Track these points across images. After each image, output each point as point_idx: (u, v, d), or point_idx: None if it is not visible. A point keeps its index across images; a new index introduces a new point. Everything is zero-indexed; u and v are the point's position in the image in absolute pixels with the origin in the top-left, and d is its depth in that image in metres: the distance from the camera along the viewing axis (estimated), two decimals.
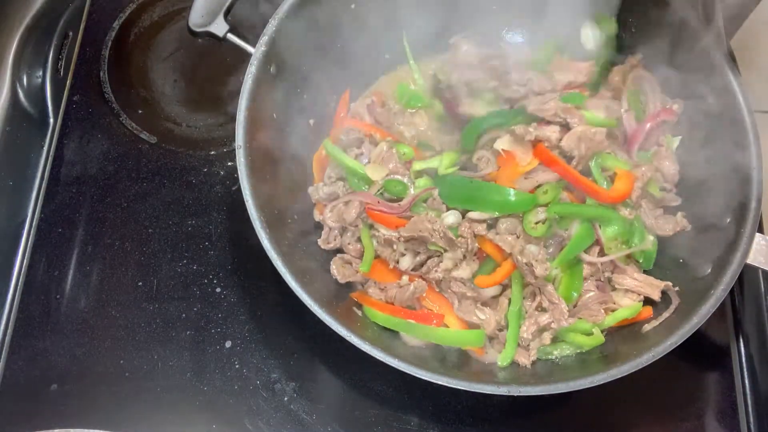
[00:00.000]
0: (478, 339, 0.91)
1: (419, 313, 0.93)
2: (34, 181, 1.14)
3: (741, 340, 1.02)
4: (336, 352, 0.99)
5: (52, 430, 0.92)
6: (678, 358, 0.95)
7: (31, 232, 1.09)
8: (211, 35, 0.97)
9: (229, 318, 1.03)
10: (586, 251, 0.93)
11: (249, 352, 1.01)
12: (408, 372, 0.80)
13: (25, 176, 1.14)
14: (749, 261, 0.85)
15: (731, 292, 1.02)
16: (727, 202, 0.91)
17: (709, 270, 0.88)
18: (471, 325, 0.93)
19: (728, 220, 0.90)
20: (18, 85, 1.19)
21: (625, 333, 0.93)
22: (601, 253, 0.94)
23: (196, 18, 0.97)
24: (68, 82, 1.20)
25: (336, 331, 0.82)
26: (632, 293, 0.95)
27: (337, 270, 0.97)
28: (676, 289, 0.92)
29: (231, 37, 0.97)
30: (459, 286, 0.94)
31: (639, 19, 1.03)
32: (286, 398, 0.98)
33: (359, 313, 0.94)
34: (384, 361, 0.80)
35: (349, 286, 0.98)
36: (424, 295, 0.95)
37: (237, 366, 1.00)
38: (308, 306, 0.82)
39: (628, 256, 0.96)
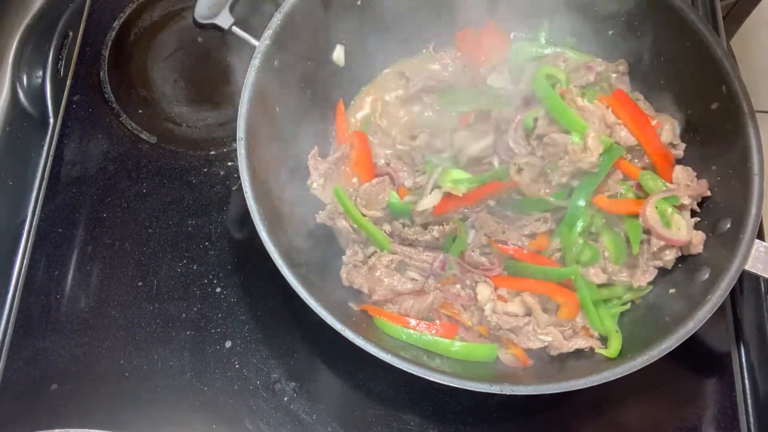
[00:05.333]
0: (491, 353, 0.91)
1: (433, 326, 0.93)
2: (34, 181, 1.14)
3: (741, 345, 1.02)
4: (336, 352, 0.99)
5: (52, 430, 0.92)
6: (678, 360, 0.96)
7: (31, 232, 1.09)
8: (216, 27, 0.98)
9: (229, 318, 1.03)
10: None
11: (249, 352, 1.01)
12: (401, 367, 0.80)
13: (25, 176, 1.14)
14: (747, 267, 0.85)
15: (732, 296, 1.03)
16: (727, 206, 0.91)
17: (707, 275, 0.88)
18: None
19: (728, 225, 0.90)
20: (18, 85, 1.19)
21: (622, 334, 0.93)
22: None
23: (201, 10, 0.98)
24: (68, 82, 1.20)
25: (331, 324, 0.82)
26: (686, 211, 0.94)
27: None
28: (672, 291, 0.93)
29: (236, 29, 0.98)
30: (508, 321, 0.92)
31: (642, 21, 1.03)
32: (286, 398, 0.98)
33: (355, 308, 0.94)
34: (378, 356, 0.80)
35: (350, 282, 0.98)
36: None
37: (237, 366, 1.00)
38: (304, 300, 0.82)
39: None
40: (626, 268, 0.95)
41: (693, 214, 0.95)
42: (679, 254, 0.94)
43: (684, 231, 0.91)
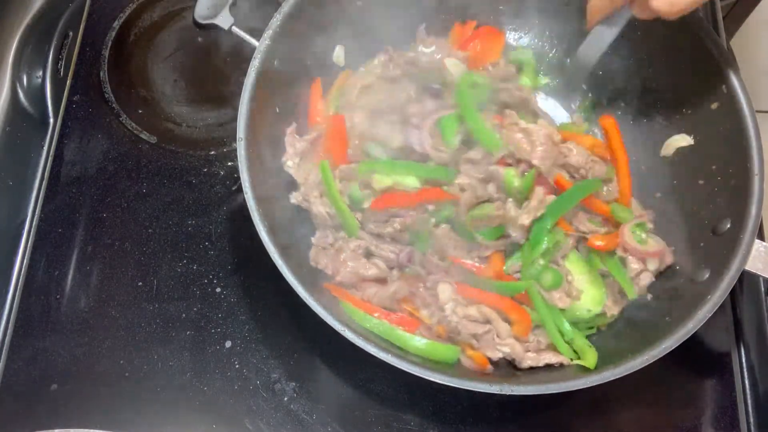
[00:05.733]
0: (453, 354, 0.89)
1: (394, 316, 0.92)
2: (34, 181, 1.14)
3: (741, 345, 1.02)
4: (336, 352, 0.99)
5: (52, 430, 0.92)
6: (678, 360, 0.96)
7: (31, 232, 1.09)
8: (217, 27, 0.98)
9: (229, 318, 1.03)
10: None
11: (249, 352, 1.01)
12: (401, 367, 0.80)
13: (25, 176, 1.14)
14: (747, 267, 0.85)
15: (732, 296, 1.03)
16: (727, 206, 0.91)
17: (707, 275, 0.88)
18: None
19: (727, 225, 0.89)
20: (18, 85, 1.19)
21: (621, 333, 0.93)
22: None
23: (201, 10, 0.99)
24: (68, 82, 1.20)
25: (331, 324, 0.81)
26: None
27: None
28: (672, 291, 0.93)
29: (236, 30, 0.98)
30: (466, 326, 0.91)
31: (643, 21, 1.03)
32: (286, 398, 0.98)
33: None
34: (379, 356, 0.80)
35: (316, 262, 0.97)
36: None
37: (237, 366, 1.00)
38: (304, 300, 0.82)
39: None
40: None
41: None
42: (653, 279, 0.95)
43: (656, 244, 0.96)
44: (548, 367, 0.91)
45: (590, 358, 0.89)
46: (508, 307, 0.92)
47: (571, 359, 0.91)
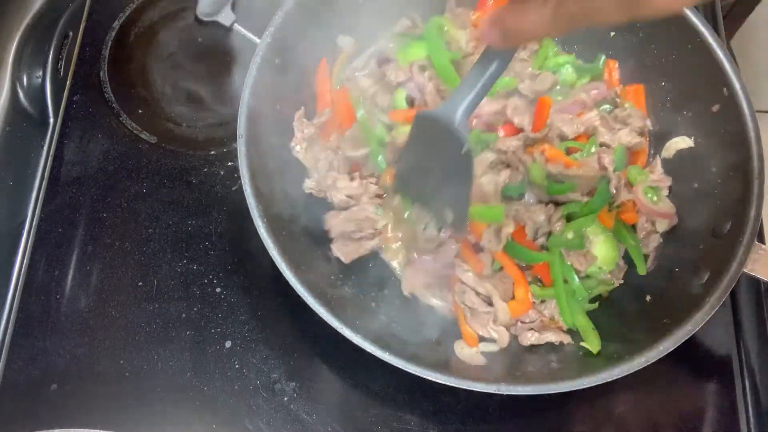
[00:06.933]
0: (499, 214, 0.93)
1: None
2: (34, 181, 1.14)
3: (742, 347, 1.02)
4: (336, 352, 0.99)
5: (52, 430, 0.92)
6: (679, 361, 0.96)
7: (31, 232, 1.09)
8: (219, 24, 0.98)
9: (229, 318, 1.03)
10: None
11: (249, 352, 1.01)
12: (399, 366, 0.80)
13: (25, 176, 1.14)
14: (747, 270, 0.85)
15: (733, 298, 1.03)
16: (727, 208, 0.91)
17: (707, 277, 0.88)
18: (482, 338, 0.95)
19: (727, 227, 0.90)
20: (18, 85, 1.19)
21: (618, 334, 0.93)
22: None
23: (204, 7, 0.99)
24: (68, 82, 1.20)
25: (328, 322, 0.82)
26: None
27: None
28: (671, 292, 0.93)
29: (237, 27, 0.98)
30: (472, 301, 0.94)
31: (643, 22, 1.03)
32: (286, 398, 0.98)
33: None
34: (376, 354, 0.81)
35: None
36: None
37: (237, 366, 1.00)
38: (304, 299, 0.82)
39: None
40: None
41: None
42: (661, 240, 0.98)
43: (667, 205, 0.99)
44: (549, 345, 0.93)
45: (594, 341, 0.91)
46: (518, 280, 0.95)
47: (572, 339, 0.93)
